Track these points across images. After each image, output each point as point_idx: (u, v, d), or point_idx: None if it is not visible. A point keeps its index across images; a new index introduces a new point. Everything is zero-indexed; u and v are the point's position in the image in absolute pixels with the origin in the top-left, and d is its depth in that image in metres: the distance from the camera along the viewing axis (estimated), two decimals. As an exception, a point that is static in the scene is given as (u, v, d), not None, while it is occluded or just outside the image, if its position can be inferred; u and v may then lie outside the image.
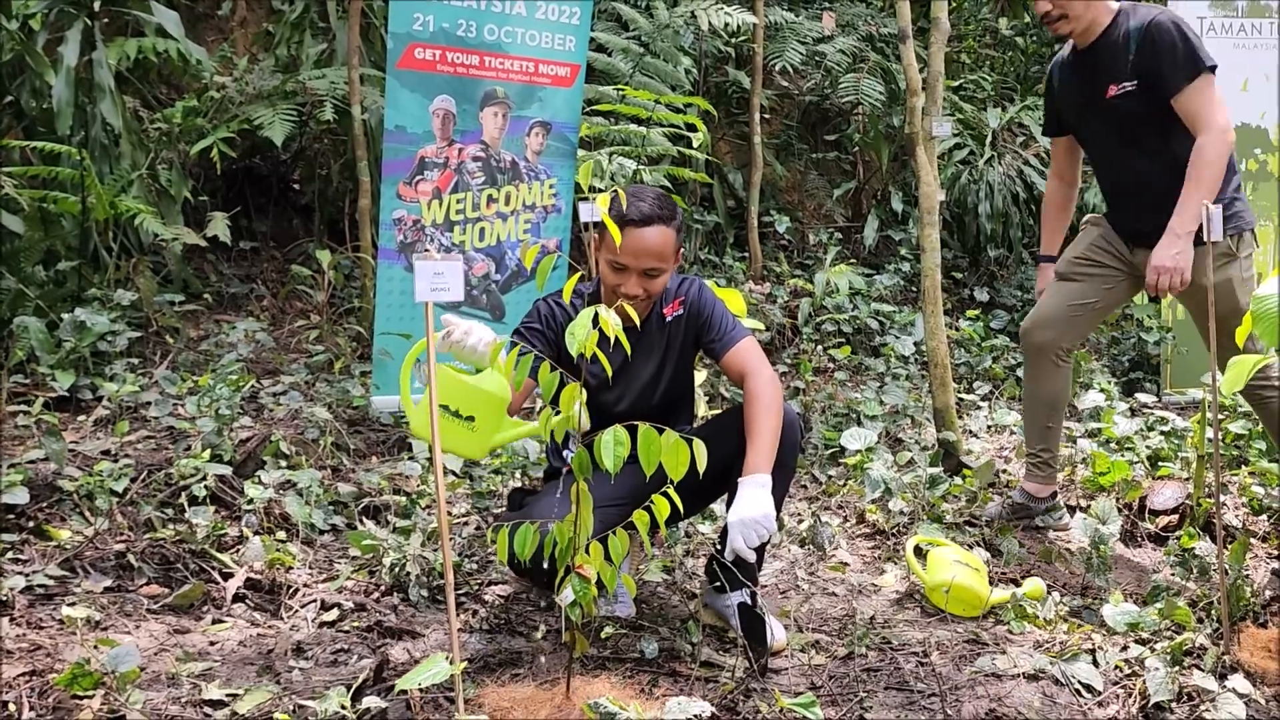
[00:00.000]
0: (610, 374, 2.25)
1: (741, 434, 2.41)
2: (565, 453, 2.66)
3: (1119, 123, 2.96)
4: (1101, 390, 4.29)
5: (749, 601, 2.40)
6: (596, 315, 1.97)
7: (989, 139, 6.68)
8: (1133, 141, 2.96)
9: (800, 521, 3.29)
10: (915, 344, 5.09)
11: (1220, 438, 3.66)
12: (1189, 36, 2.85)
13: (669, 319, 2.60)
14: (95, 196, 4.23)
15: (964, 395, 4.61)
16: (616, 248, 2.38)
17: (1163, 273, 2.87)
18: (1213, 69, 2.83)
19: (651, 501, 2.05)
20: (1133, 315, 5.43)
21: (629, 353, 2.29)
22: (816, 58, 6.54)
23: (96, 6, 4.46)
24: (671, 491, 2.02)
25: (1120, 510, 3.33)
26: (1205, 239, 2.45)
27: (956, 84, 7.20)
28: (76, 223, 4.32)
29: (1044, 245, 3.40)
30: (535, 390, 2.33)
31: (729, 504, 2.52)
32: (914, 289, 6.02)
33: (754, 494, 2.30)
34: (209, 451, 3.15)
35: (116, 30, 4.98)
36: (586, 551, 2.06)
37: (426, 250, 2.11)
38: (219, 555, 2.78)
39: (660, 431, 1.99)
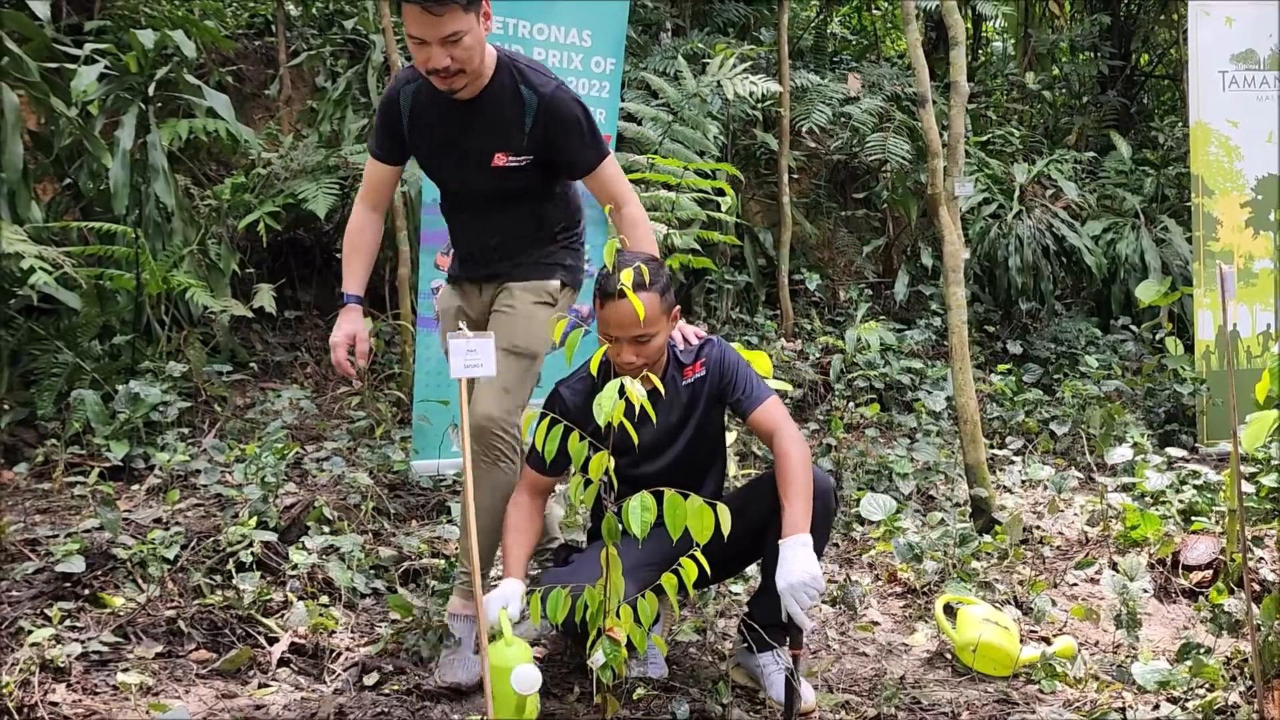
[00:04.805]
0: (636, 440, 2.33)
1: (775, 497, 2.45)
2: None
3: (501, 189, 2.76)
4: (1134, 445, 4.29)
5: (791, 664, 2.39)
6: (622, 386, 2.06)
7: (1017, 193, 6.74)
8: (510, 206, 2.79)
9: (831, 580, 3.33)
10: (947, 399, 5.11)
11: (1254, 491, 3.66)
12: (589, 114, 2.71)
13: (690, 380, 2.65)
14: (149, 273, 4.41)
15: (996, 450, 4.62)
16: (602, 322, 2.48)
17: None
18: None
19: (680, 565, 2.12)
20: (1167, 366, 5.42)
21: (653, 418, 2.37)
22: (843, 118, 6.66)
23: (151, 92, 4.69)
24: (699, 554, 2.08)
25: (1153, 566, 3.33)
26: (1221, 298, 2.50)
27: (984, 139, 7.28)
28: (130, 298, 4.50)
29: (352, 284, 2.91)
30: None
31: (764, 566, 2.57)
32: (945, 344, 6.04)
33: (798, 555, 2.30)
34: (255, 518, 3.25)
35: (169, 112, 5.21)
36: (617, 615, 2.13)
37: (460, 328, 2.22)
38: (265, 620, 2.87)
39: (686, 497, 2.06)
